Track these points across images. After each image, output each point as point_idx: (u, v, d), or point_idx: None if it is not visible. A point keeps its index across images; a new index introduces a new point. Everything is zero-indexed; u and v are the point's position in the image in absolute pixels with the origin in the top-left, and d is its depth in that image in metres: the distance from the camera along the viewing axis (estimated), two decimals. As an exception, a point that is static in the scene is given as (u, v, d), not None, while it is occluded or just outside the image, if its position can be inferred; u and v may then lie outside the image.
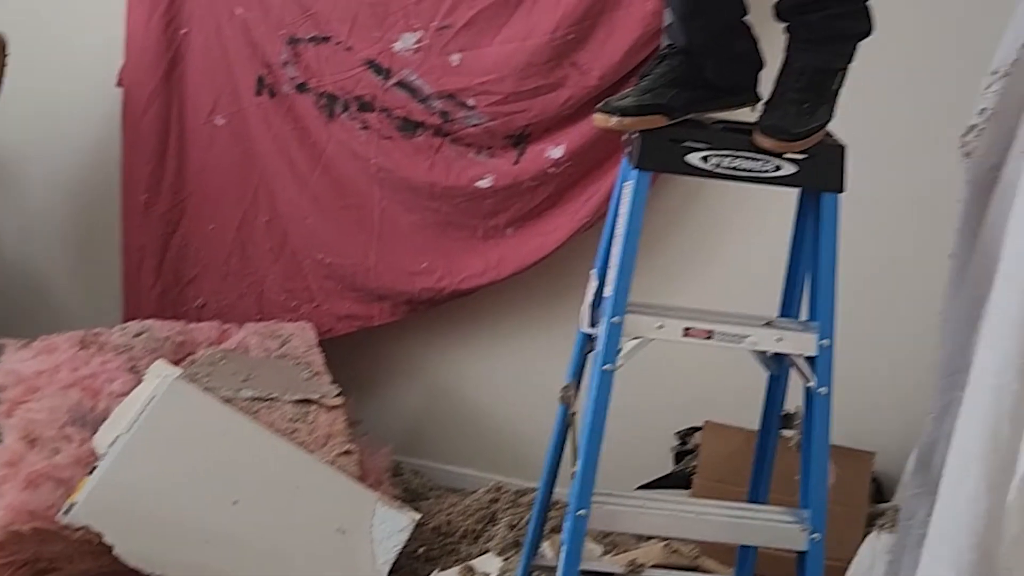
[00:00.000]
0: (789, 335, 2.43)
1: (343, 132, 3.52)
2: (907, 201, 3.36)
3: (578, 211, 3.48)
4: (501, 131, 3.44)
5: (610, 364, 2.36)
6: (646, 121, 2.36)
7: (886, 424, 3.42)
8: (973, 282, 2.62)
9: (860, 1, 2.38)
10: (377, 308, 3.66)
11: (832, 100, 2.40)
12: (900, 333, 3.42)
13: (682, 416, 3.58)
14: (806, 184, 2.41)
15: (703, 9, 2.39)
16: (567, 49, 3.34)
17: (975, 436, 2.33)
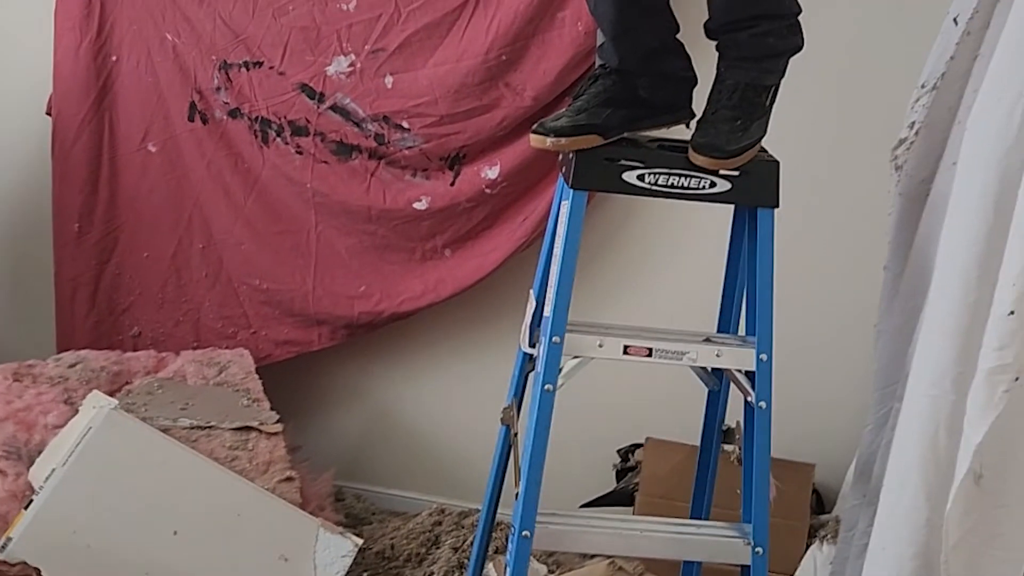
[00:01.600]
0: (728, 350, 2.44)
1: (278, 157, 3.51)
2: (841, 215, 3.40)
3: (515, 231, 3.49)
4: (436, 153, 3.45)
5: (551, 384, 2.36)
6: (581, 141, 2.37)
7: (825, 436, 3.45)
8: (907, 294, 2.65)
9: (790, 18, 2.41)
10: (316, 333, 3.64)
11: (765, 116, 2.42)
12: (837, 345, 3.45)
13: (623, 433, 3.58)
14: (741, 200, 2.43)
15: (634, 29, 2.41)
16: (500, 70, 3.35)
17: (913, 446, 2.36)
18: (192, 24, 3.48)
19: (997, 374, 2.16)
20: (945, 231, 2.40)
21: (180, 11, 3.49)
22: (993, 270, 2.21)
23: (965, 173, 2.37)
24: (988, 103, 2.33)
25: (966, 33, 2.58)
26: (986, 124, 2.31)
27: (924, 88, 2.70)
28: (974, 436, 2.17)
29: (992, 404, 2.16)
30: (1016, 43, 2.29)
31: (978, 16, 2.56)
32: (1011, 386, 2.15)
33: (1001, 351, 2.15)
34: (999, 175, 2.24)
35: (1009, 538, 2.28)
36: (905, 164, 2.72)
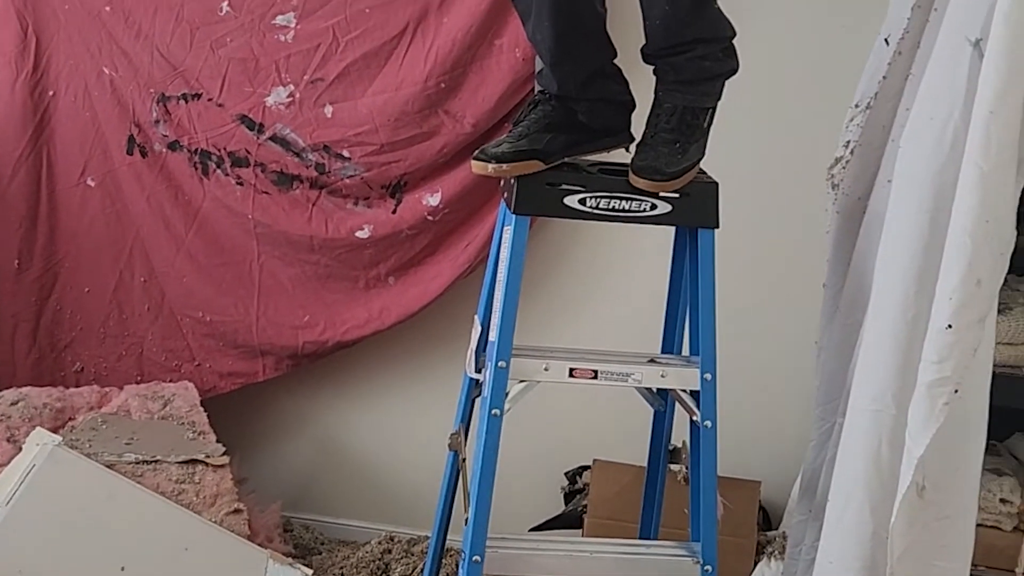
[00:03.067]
0: (672, 371, 2.46)
1: (218, 189, 3.50)
2: (780, 233, 3.43)
3: (458, 257, 3.49)
4: (377, 181, 3.45)
5: (498, 408, 2.37)
6: (523, 166, 2.38)
7: (770, 453, 3.48)
8: (846, 310, 2.69)
9: (724, 41, 2.44)
10: (260, 364, 3.63)
11: (703, 138, 2.45)
12: (780, 363, 3.48)
13: (571, 456, 3.59)
14: (681, 222, 2.46)
15: (572, 55, 2.43)
16: (440, 98, 3.37)
17: (857, 461, 2.39)
18: (129, 57, 3.47)
19: (937, 387, 2.19)
20: (882, 248, 2.44)
21: (117, 45, 3.48)
22: (930, 285, 2.25)
23: (900, 190, 2.41)
24: (920, 122, 2.38)
25: (897, 53, 2.63)
26: (919, 142, 2.36)
27: (858, 107, 2.74)
28: (916, 449, 2.20)
29: (933, 417, 2.19)
30: (946, 63, 2.33)
31: (909, 36, 2.61)
32: (951, 399, 2.19)
33: (940, 364, 2.19)
34: (934, 192, 2.28)
35: (953, 548, 2.31)
36: (841, 183, 2.76)
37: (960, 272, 2.18)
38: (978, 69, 2.20)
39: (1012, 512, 2.77)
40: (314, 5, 3.38)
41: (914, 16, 2.60)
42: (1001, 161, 2.17)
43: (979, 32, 2.24)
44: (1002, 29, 2.16)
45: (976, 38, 2.24)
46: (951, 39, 2.34)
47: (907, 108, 2.52)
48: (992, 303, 2.25)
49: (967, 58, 2.26)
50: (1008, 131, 2.18)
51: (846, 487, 2.43)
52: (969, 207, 2.17)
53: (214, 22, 3.43)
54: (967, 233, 2.17)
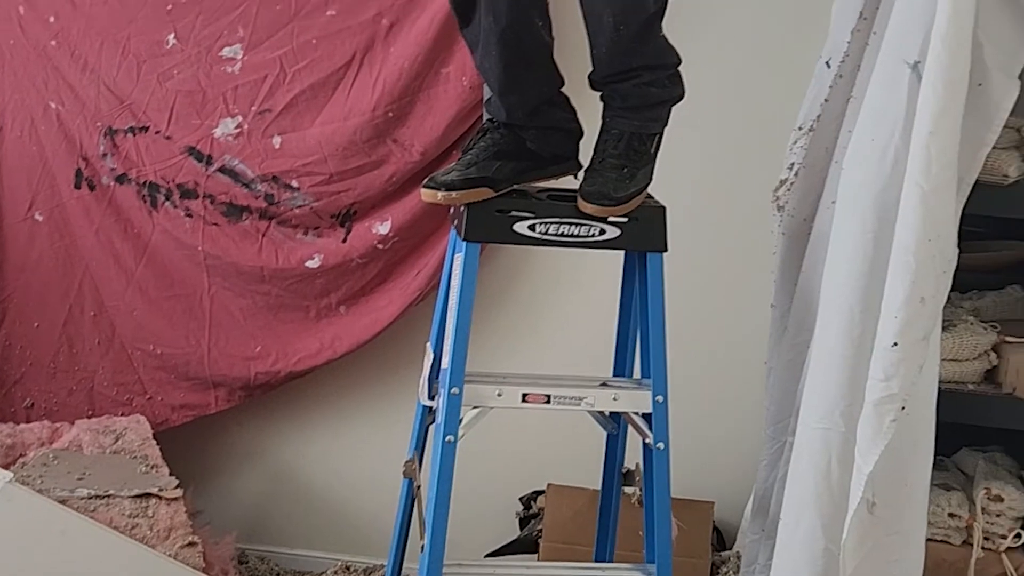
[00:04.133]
0: (624, 394, 2.48)
1: (167, 221, 3.49)
2: (728, 255, 3.46)
3: (409, 285, 3.50)
4: (327, 210, 3.45)
5: (452, 435, 2.38)
6: (472, 194, 2.40)
7: (723, 473, 3.50)
8: (794, 330, 2.72)
9: (670, 68, 2.47)
10: (213, 396, 3.61)
11: (650, 163, 2.48)
12: (730, 383, 3.51)
13: (525, 481, 3.60)
14: (630, 246, 2.48)
15: (520, 84, 2.45)
16: (388, 127, 3.38)
17: (807, 479, 2.41)
18: (76, 91, 3.46)
19: (884, 404, 2.23)
20: (827, 268, 2.47)
21: (63, 78, 3.47)
22: (875, 304, 2.28)
23: (844, 211, 2.45)
24: (862, 143, 2.42)
25: (838, 76, 2.68)
26: (862, 163, 2.40)
27: (801, 130, 2.79)
28: (865, 466, 2.24)
29: (881, 434, 2.23)
30: (886, 85, 2.38)
31: (849, 59, 2.65)
32: (898, 416, 2.22)
33: (887, 382, 2.22)
34: (876, 212, 2.32)
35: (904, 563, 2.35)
36: (787, 204, 2.80)
37: (904, 291, 2.22)
38: (917, 91, 2.25)
39: (961, 526, 2.80)
40: (260, 37, 3.39)
41: (854, 39, 2.65)
42: (942, 181, 2.22)
43: (917, 55, 2.28)
44: (940, 52, 2.21)
45: (914, 61, 2.29)
46: (890, 62, 2.38)
47: (849, 130, 2.57)
48: (936, 320, 2.29)
49: (906, 80, 2.30)
50: (948, 151, 2.22)
51: (797, 505, 2.46)
52: (911, 226, 2.21)
53: (160, 55, 3.42)
54: (910, 252, 2.21)
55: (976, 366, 2.76)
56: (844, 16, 2.68)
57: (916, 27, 2.31)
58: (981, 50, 2.27)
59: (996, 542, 2.80)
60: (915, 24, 2.32)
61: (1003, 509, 2.77)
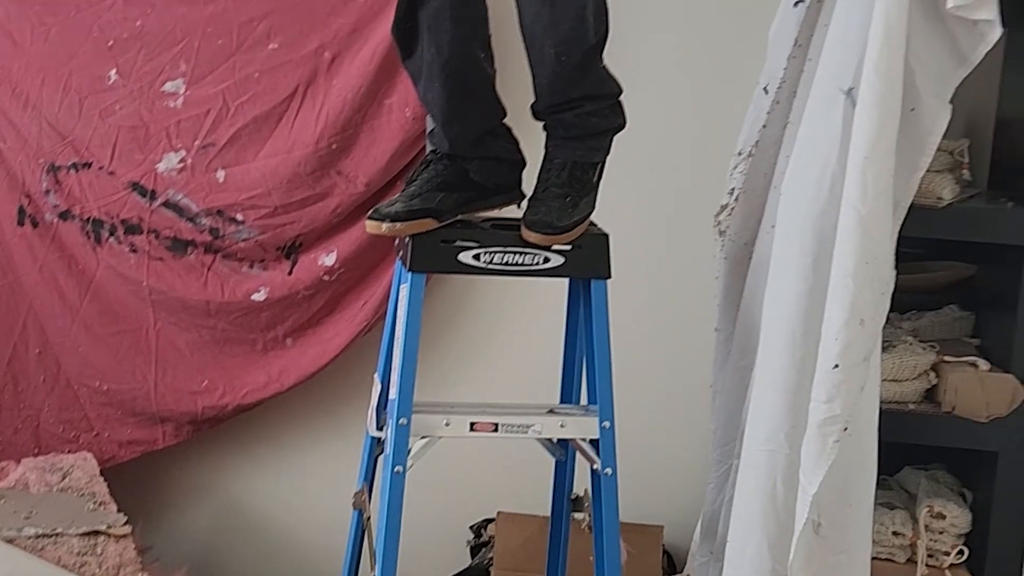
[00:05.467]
0: (571, 420, 2.49)
1: (112, 257, 3.48)
2: (672, 281, 3.49)
3: (355, 316, 3.51)
4: (272, 243, 3.46)
5: (400, 465, 2.38)
6: (417, 225, 2.41)
7: (672, 497, 3.52)
8: (738, 353, 2.75)
9: (611, 98, 2.50)
10: (160, 431, 3.60)
11: (593, 192, 2.50)
12: (677, 407, 3.54)
13: (475, 509, 3.61)
14: (574, 274, 2.50)
15: (462, 115, 2.47)
16: (332, 158, 3.39)
17: (753, 500, 2.44)
18: (17, 128, 3.45)
19: (827, 425, 2.26)
20: (768, 291, 2.51)
21: (4, 116, 3.45)
22: (816, 326, 2.32)
23: (783, 235, 2.48)
24: (799, 168, 2.46)
25: (775, 102, 2.72)
26: (799, 189, 2.44)
27: (741, 155, 2.82)
28: (810, 487, 2.27)
29: (824, 455, 2.26)
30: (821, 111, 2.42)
31: (786, 86, 2.69)
32: (841, 436, 2.25)
33: (829, 403, 2.26)
34: (815, 236, 2.36)
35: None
36: (728, 229, 2.83)
37: (844, 313, 2.26)
38: (851, 117, 2.29)
39: (905, 544, 2.84)
40: (202, 71, 3.39)
41: (790, 66, 2.69)
42: (878, 205, 2.26)
43: (851, 81, 2.33)
44: (873, 78, 2.26)
45: (848, 87, 2.33)
46: (824, 88, 2.43)
47: (787, 155, 2.60)
48: (876, 342, 2.33)
49: (840, 106, 2.35)
50: (883, 176, 2.27)
51: (744, 527, 2.49)
52: (849, 250, 2.25)
53: (102, 91, 3.42)
54: (849, 275, 2.25)
55: (916, 386, 2.80)
56: (780, 43, 2.72)
57: (849, 54, 2.36)
58: (913, 76, 2.32)
59: (940, 559, 2.83)
60: (848, 51, 2.36)
61: (946, 526, 2.81)
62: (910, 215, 2.43)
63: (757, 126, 2.77)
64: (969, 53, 2.34)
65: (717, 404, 2.89)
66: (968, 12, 2.27)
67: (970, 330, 3.05)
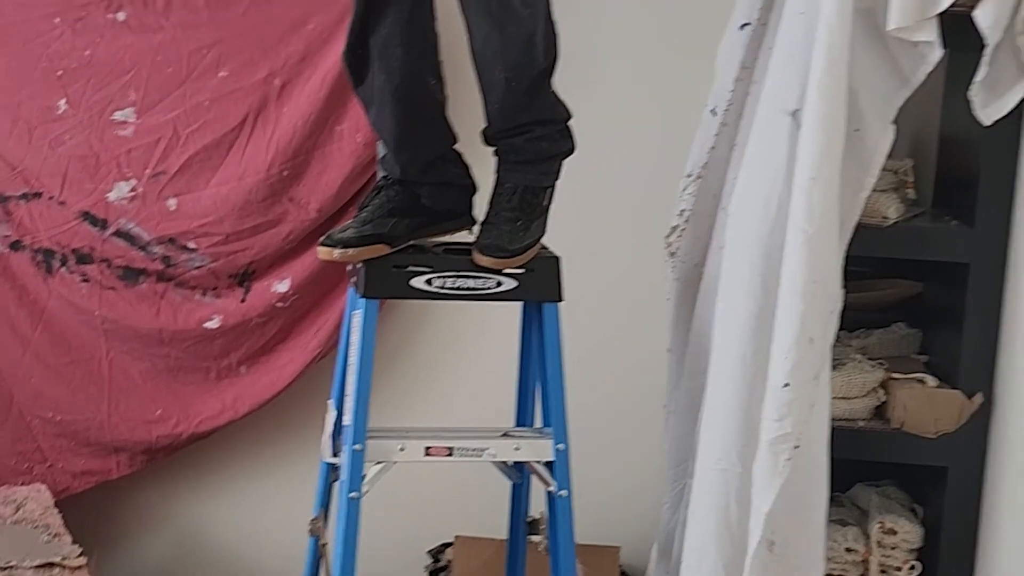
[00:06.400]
0: (526, 443, 2.51)
1: (63, 287, 3.46)
2: (624, 302, 3.52)
3: (309, 343, 3.51)
4: (225, 271, 3.45)
5: (355, 492, 2.39)
6: (369, 251, 2.42)
7: (628, 517, 3.53)
8: (690, 373, 2.77)
9: (560, 123, 2.53)
10: (114, 461, 3.58)
11: (543, 215, 2.52)
12: (632, 428, 3.55)
13: (433, 533, 3.61)
14: (526, 297, 2.52)
15: (414, 141, 2.49)
16: (284, 185, 3.39)
17: (707, 519, 2.46)
18: (-34, 159, 3.44)
19: (778, 444, 2.29)
20: (718, 312, 2.53)
21: (-48, 147, 3.44)
22: (766, 346, 2.34)
23: (732, 256, 2.51)
24: (747, 190, 2.49)
25: (723, 124, 2.75)
26: (747, 210, 2.47)
27: (690, 177, 2.85)
28: (763, 505, 2.29)
29: (776, 473, 2.28)
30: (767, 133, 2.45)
31: (733, 108, 2.73)
32: (792, 454, 2.28)
33: (780, 422, 2.28)
34: (763, 257, 2.39)
35: (804, 599, 2.39)
36: (679, 251, 2.86)
37: (793, 332, 2.28)
38: (797, 138, 2.32)
39: (858, 560, 2.86)
40: (152, 100, 3.38)
41: (737, 88, 2.72)
42: (824, 224, 2.29)
43: (796, 103, 2.36)
44: (817, 100, 2.29)
45: (793, 109, 2.37)
46: (770, 110, 2.46)
47: (735, 177, 2.63)
48: (826, 360, 2.36)
49: (786, 128, 2.38)
50: (829, 196, 2.30)
51: (699, 546, 2.50)
52: (797, 270, 2.28)
53: (52, 120, 3.40)
54: (797, 295, 2.28)
55: (866, 403, 2.83)
56: (727, 65, 2.75)
57: (794, 76, 2.39)
58: (856, 97, 2.36)
59: (892, 574, 2.86)
60: (793, 73, 2.40)
61: (897, 542, 2.83)
62: (857, 234, 2.46)
63: (706, 148, 2.80)
64: (911, 74, 2.38)
65: (670, 424, 2.91)
66: (909, 34, 2.31)
67: (918, 347, 3.09)
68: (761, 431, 2.31)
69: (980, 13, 2.31)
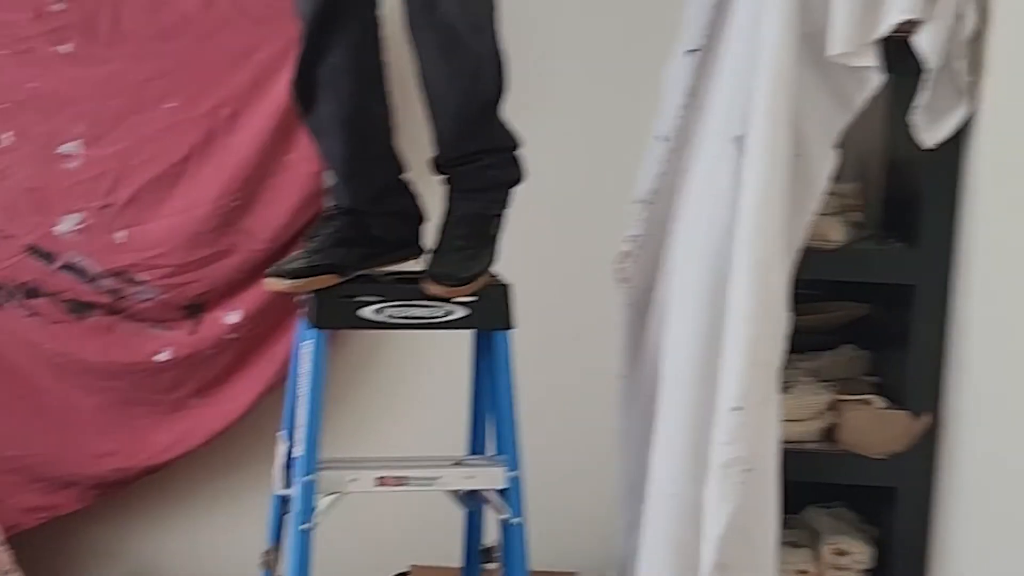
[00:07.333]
0: (479, 471, 2.51)
1: (10, 321, 3.43)
2: (575, 328, 3.52)
3: (262, 373, 3.49)
4: (175, 302, 3.43)
5: (307, 523, 2.38)
6: (318, 281, 2.42)
7: (584, 543, 3.53)
8: (642, 398, 2.78)
9: (510, 151, 2.55)
10: (64, 496, 3.54)
11: (493, 243, 2.53)
12: (586, 453, 3.55)
13: (388, 563, 3.59)
14: (477, 325, 2.53)
15: (363, 171, 2.50)
16: (233, 216, 3.38)
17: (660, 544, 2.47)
18: (-89, 194, 3.41)
19: (729, 467, 2.30)
20: (668, 336, 2.54)
21: None
22: (715, 369, 2.36)
23: (680, 281, 2.53)
24: (694, 215, 2.52)
25: (672, 149, 2.77)
26: (694, 235, 2.49)
27: (640, 203, 2.86)
28: (714, 529, 2.30)
29: (727, 496, 2.29)
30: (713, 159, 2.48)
31: (680, 133, 2.74)
32: (743, 477, 2.29)
33: (731, 445, 2.30)
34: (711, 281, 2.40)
35: (757, 622, 2.40)
36: (630, 276, 2.87)
37: (742, 356, 2.30)
38: (742, 163, 2.34)
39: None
40: (99, 132, 3.36)
41: (684, 114, 2.74)
42: (771, 249, 2.31)
43: (739, 129, 2.38)
44: (761, 125, 2.31)
45: (738, 134, 2.39)
46: (716, 136, 2.48)
47: (683, 202, 2.65)
48: (775, 383, 2.38)
49: (731, 154, 2.40)
50: (775, 219, 2.32)
51: (654, 570, 2.51)
52: (745, 294, 2.30)
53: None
54: (745, 318, 2.30)
55: (816, 425, 2.84)
56: (674, 91, 2.77)
57: (739, 102, 2.41)
58: (801, 122, 2.38)
59: (845, 594, 2.88)
60: (738, 99, 2.42)
61: (849, 563, 2.84)
62: (804, 257, 2.48)
63: (655, 174, 2.82)
64: (853, 99, 2.41)
65: (623, 449, 2.92)
66: (850, 60, 2.35)
67: (867, 368, 3.11)
68: (712, 455, 2.32)
69: (919, 39, 2.34)
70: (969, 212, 2.57)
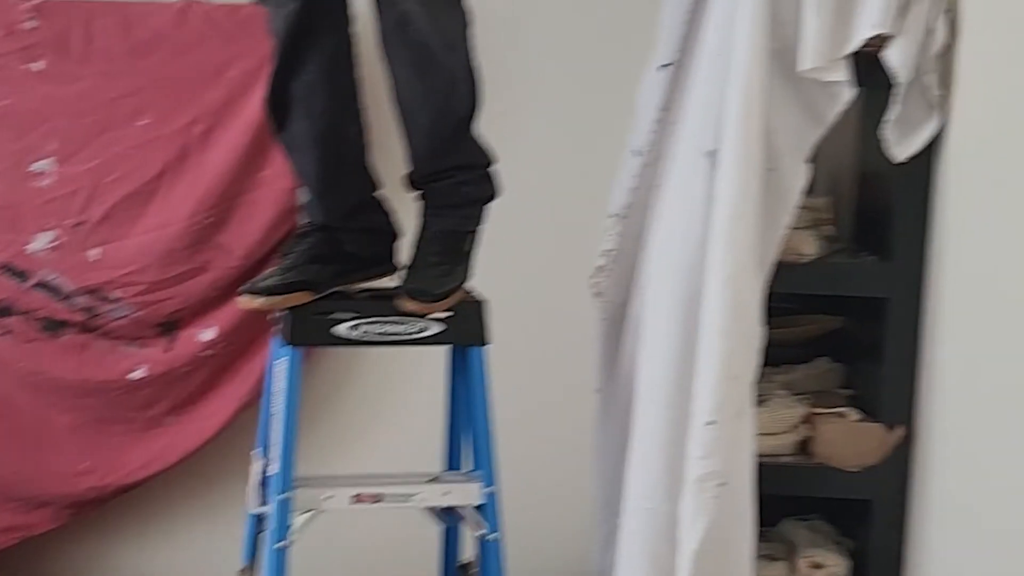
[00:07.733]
0: (455, 488, 2.51)
1: (-16, 340, 3.42)
2: (552, 344, 3.53)
3: (238, 390, 3.48)
4: (149, 320, 3.42)
5: (283, 541, 2.37)
6: (292, 298, 2.42)
7: (561, 559, 3.53)
8: (617, 413, 2.79)
9: (483, 168, 2.55)
10: (38, 516, 3.51)
11: (468, 259, 2.54)
12: (563, 469, 3.55)
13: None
14: (453, 341, 2.53)
15: (336, 187, 2.50)
16: (208, 232, 3.37)
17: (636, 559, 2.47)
18: None
19: (704, 481, 2.30)
20: (643, 351, 2.55)
21: None
22: (689, 384, 2.36)
23: (654, 295, 2.53)
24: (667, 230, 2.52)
25: (645, 164, 2.77)
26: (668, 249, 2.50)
27: (614, 217, 2.87)
28: (690, 543, 2.30)
29: (703, 510, 2.30)
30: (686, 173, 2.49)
31: (654, 148, 2.75)
32: (718, 491, 2.30)
33: (705, 459, 2.30)
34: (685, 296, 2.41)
35: (733, 636, 2.40)
36: (605, 290, 2.88)
37: (716, 370, 2.31)
38: (714, 178, 2.35)
39: (787, 594, 2.89)
40: (72, 149, 3.35)
41: (657, 128, 2.75)
42: (744, 263, 2.32)
43: (712, 144, 2.39)
44: (733, 140, 2.33)
45: (710, 149, 2.40)
46: (689, 150, 2.49)
47: (657, 216, 2.66)
48: (749, 396, 2.38)
49: (704, 168, 2.41)
50: (748, 233, 2.33)
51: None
52: (718, 307, 2.31)
53: (-31, 172, 3.38)
54: (719, 332, 2.31)
55: (791, 438, 2.85)
56: (647, 106, 2.78)
57: (711, 117, 2.42)
58: (772, 137, 2.39)
59: (822, 607, 2.88)
60: (710, 114, 2.43)
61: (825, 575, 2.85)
62: (778, 271, 2.49)
63: (628, 188, 2.83)
64: (824, 114, 2.42)
65: (599, 464, 2.92)
66: (821, 75, 2.36)
67: (841, 381, 3.12)
68: (687, 469, 2.33)
69: (889, 54, 2.36)
70: (941, 225, 2.59)
